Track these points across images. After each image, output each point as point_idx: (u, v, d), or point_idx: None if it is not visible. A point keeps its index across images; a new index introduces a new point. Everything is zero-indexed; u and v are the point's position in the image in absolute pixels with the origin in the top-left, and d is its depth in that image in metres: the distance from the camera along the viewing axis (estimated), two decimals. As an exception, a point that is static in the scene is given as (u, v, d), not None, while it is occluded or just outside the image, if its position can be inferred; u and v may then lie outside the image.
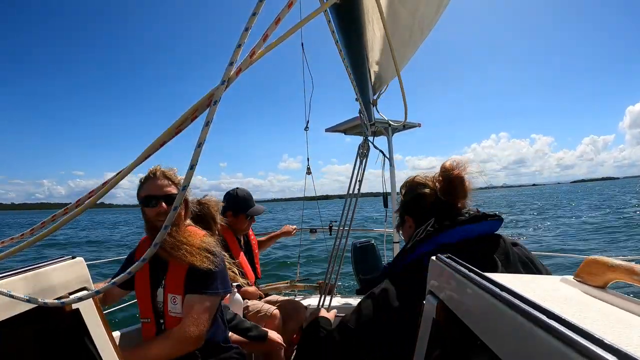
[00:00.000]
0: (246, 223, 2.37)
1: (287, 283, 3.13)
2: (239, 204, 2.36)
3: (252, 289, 2.33)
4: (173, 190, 1.45)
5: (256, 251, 2.52)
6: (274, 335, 1.98)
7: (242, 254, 2.27)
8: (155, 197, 1.42)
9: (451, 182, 1.10)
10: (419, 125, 3.35)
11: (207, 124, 0.59)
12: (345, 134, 3.40)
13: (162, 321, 1.45)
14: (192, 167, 0.60)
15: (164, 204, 1.41)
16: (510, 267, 0.96)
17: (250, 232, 2.56)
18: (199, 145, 0.59)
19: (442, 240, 1.02)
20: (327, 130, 3.50)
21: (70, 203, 0.66)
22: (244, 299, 2.18)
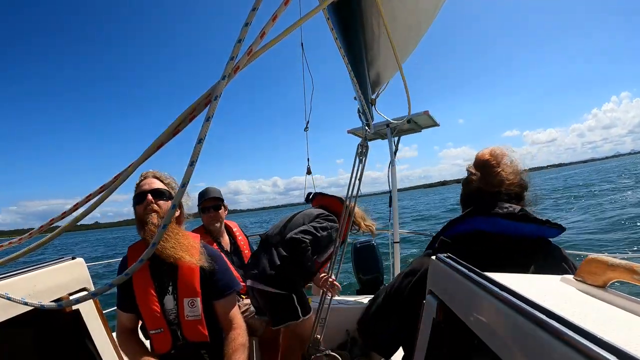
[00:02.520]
0: (206, 217, 2.28)
1: None
2: (198, 204, 2.32)
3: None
4: (160, 185, 1.45)
5: (246, 251, 2.39)
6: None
7: (222, 256, 2.19)
8: (140, 193, 1.42)
9: (483, 170, 1.13)
10: (427, 112, 3.25)
11: (207, 119, 0.57)
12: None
13: (175, 329, 1.41)
14: (192, 164, 0.57)
15: (149, 196, 1.39)
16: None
17: (237, 232, 2.45)
18: (200, 141, 0.57)
19: (479, 225, 1.01)
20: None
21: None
22: (240, 297, 2.15)
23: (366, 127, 1.82)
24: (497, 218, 0.99)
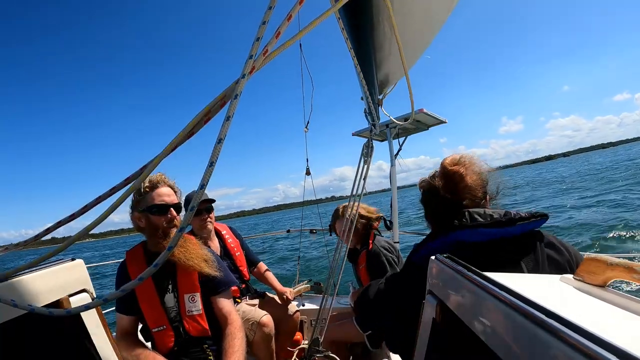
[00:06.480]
0: (197, 221, 2.22)
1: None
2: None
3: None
4: (176, 199, 1.51)
5: (237, 254, 2.35)
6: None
7: (216, 254, 2.16)
8: (165, 205, 1.44)
9: (449, 179, 1.07)
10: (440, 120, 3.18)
11: (227, 118, 0.56)
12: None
13: (178, 325, 1.45)
14: (211, 165, 0.56)
15: (173, 211, 1.45)
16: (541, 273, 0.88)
17: (227, 235, 2.39)
18: (219, 141, 0.55)
19: (460, 237, 0.95)
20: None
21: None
22: (235, 301, 2.15)
23: (372, 127, 1.82)
24: (482, 229, 0.92)
